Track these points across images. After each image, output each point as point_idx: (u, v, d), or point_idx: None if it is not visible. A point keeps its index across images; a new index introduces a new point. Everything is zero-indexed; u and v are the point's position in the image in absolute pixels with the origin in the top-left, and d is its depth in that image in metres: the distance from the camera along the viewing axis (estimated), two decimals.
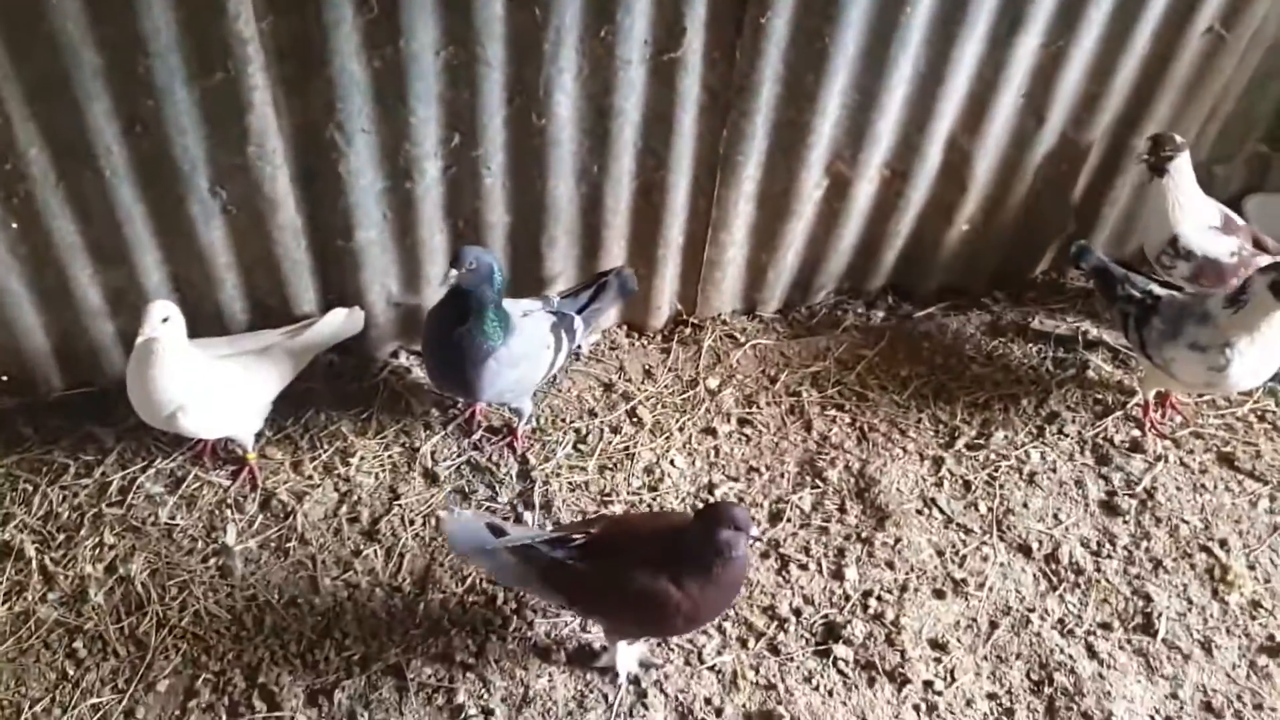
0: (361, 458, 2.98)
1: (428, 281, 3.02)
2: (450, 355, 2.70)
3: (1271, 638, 2.75)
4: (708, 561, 2.29)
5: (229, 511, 2.85)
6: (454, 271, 2.55)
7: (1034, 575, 2.86)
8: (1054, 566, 2.87)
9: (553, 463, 3.00)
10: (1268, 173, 3.61)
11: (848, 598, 2.78)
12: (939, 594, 2.80)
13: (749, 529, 2.28)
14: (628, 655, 2.59)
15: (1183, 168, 3.11)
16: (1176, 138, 3.10)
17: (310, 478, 2.94)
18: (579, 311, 2.94)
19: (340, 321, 2.97)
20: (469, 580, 2.73)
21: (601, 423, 3.12)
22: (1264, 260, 3.14)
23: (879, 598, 2.78)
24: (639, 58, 2.70)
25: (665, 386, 3.23)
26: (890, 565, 2.85)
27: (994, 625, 2.74)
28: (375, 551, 2.79)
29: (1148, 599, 2.81)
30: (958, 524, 2.95)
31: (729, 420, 3.16)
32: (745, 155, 2.97)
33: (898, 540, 2.90)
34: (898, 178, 3.17)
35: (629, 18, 2.60)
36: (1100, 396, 3.26)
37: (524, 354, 2.76)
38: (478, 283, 2.59)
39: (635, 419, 3.14)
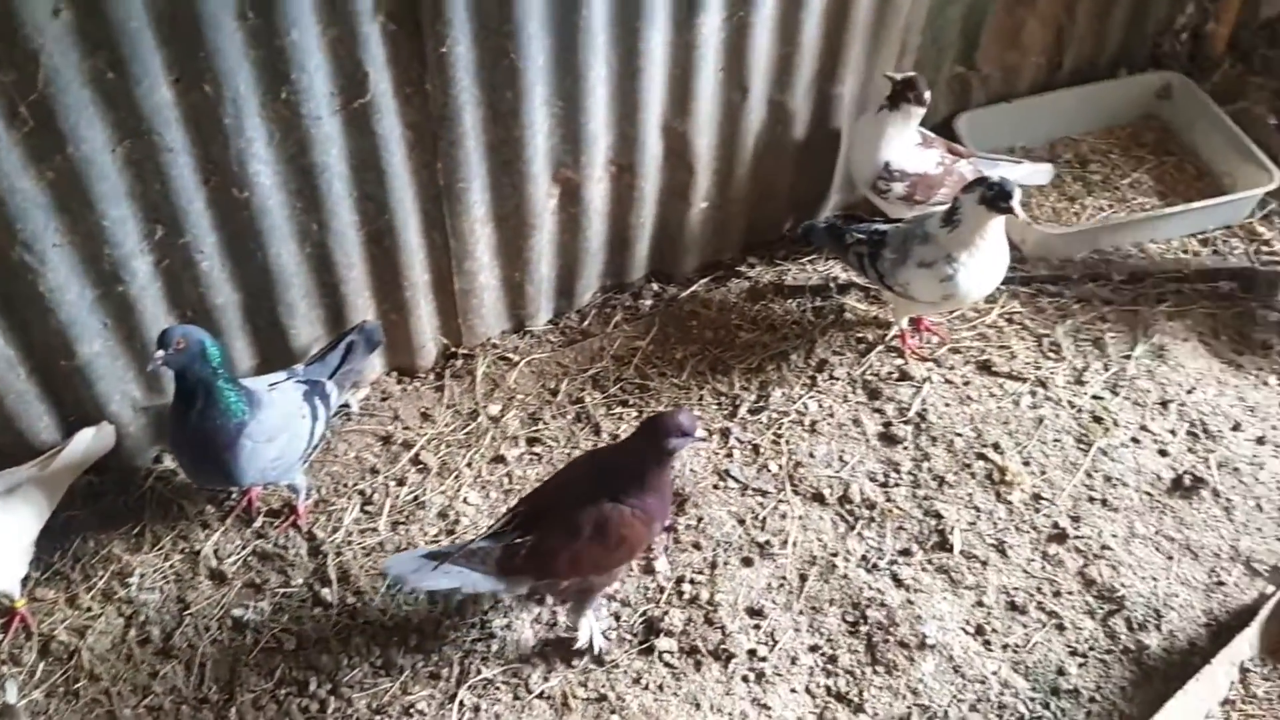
0: (141, 575, 2.85)
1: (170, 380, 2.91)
2: (197, 445, 2.61)
3: (1056, 525, 2.92)
4: (647, 469, 2.45)
5: (5, 668, 2.69)
6: (160, 353, 2.45)
7: (831, 520, 2.95)
8: (848, 507, 2.97)
9: (341, 532, 2.93)
10: (969, 91, 3.80)
11: (662, 590, 2.81)
12: (747, 561, 2.86)
13: (695, 431, 2.43)
14: (593, 627, 2.68)
15: (911, 120, 3.28)
16: (925, 92, 3.23)
17: (89, 609, 2.79)
18: (331, 375, 2.87)
19: (89, 442, 2.83)
20: (277, 674, 2.65)
21: (386, 478, 3.06)
22: (963, 165, 3.37)
23: (691, 581, 2.82)
24: (328, 110, 2.65)
25: (445, 425, 3.20)
26: (697, 546, 2.89)
27: (803, 578, 2.83)
28: (174, 669, 2.67)
29: (939, 517, 2.94)
30: (753, 489, 3.02)
31: (517, 443, 3.16)
32: (467, 181, 2.96)
33: (700, 519, 2.95)
34: (625, 172, 3.21)
35: (305, 75, 2.55)
36: (861, 335, 3.39)
37: (279, 427, 2.68)
38: (189, 361, 2.49)
39: (420, 465, 3.10)
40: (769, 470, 3.06)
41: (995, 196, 2.85)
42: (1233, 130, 3.72)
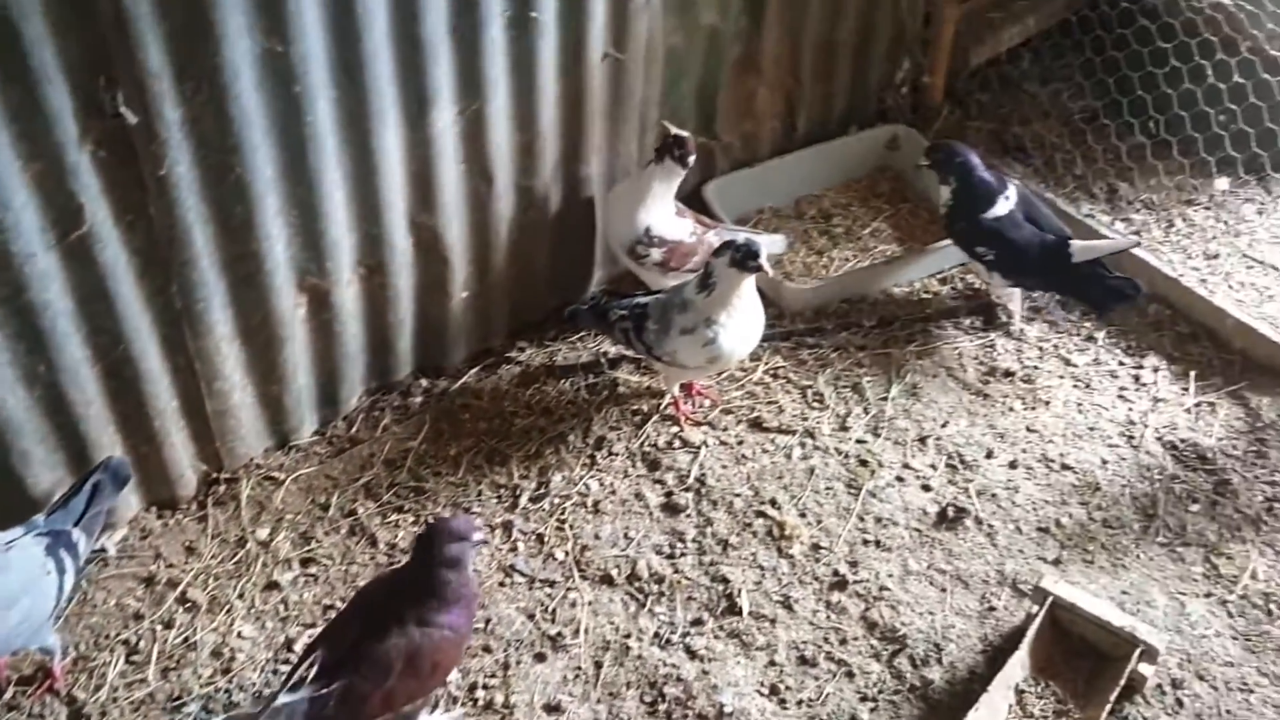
0: None
1: None
2: None
3: (836, 572, 2.99)
4: (442, 584, 2.37)
5: None
6: None
7: (622, 600, 2.94)
8: (637, 584, 2.97)
9: (105, 689, 2.72)
10: (713, 160, 3.93)
11: (455, 699, 2.73)
12: (540, 657, 2.81)
13: (473, 534, 2.39)
14: None
15: (676, 176, 3.37)
16: (692, 151, 3.32)
17: None
18: (77, 522, 2.68)
19: None
20: None
21: (151, 622, 2.87)
22: (711, 235, 3.47)
23: (484, 686, 2.75)
24: (43, 247, 2.50)
25: (212, 557, 3.03)
26: (487, 649, 2.83)
27: (599, 665, 2.80)
28: None
29: (726, 581, 2.97)
30: (541, 580, 2.98)
31: (290, 566, 3.02)
32: (206, 300, 2.84)
33: (488, 621, 2.88)
34: (376, 272, 3.15)
35: (10, 213, 2.41)
36: (636, 407, 3.42)
37: (19, 590, 2.47)
38: None
39: (188, 603, 2.92)
40: (555, 558, 3.03)
41: (744, 257, 2.96)
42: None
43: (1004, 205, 3.45)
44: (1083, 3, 4.19)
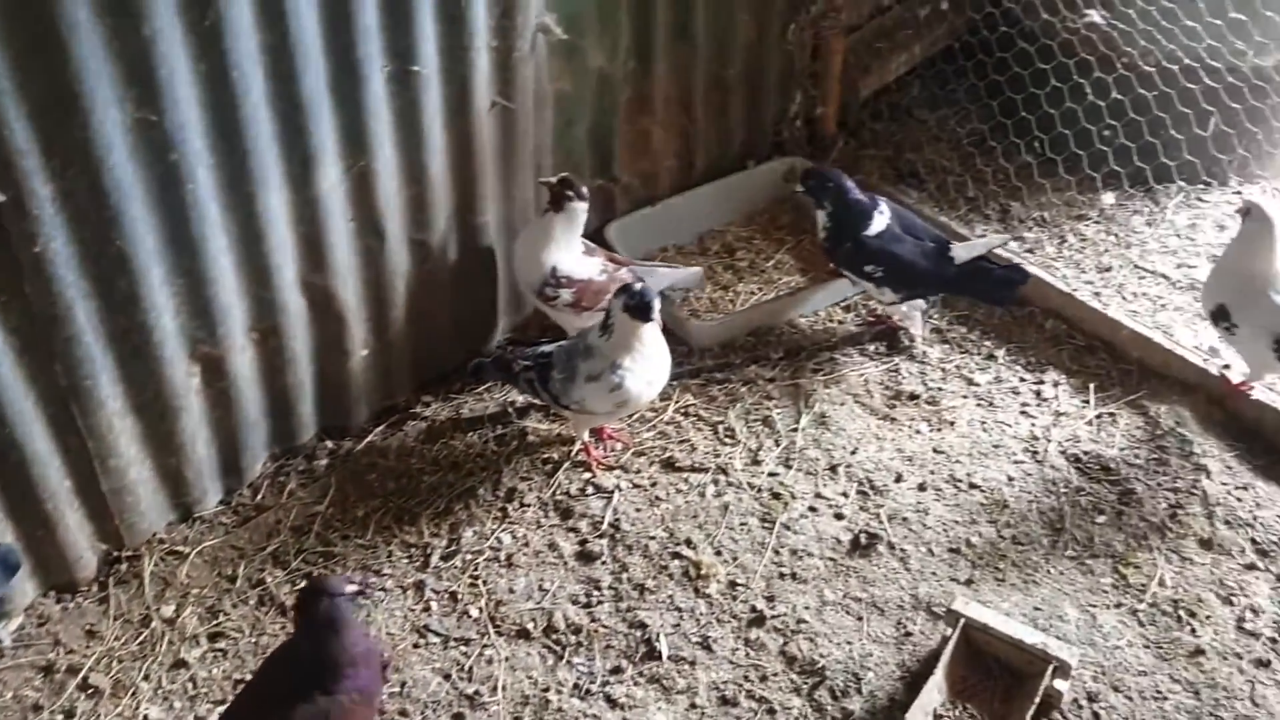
0: None
1: None
2: None
3: (753, 609, 2.98)
4: (335, 647, 2.32)
5: None
6: None
7: (539, 654, 2.90)
8: (554, 636, 2.93)
9: None
10: (613, 201, 3.95)
11: None
12: (458, 717, 2.76)
13: (343, 588, 2.34)
14: None
15: (577, 217, 3.37)
16: (583, 188, 3.35)
17: None
18: None
19: None
20: None
21: (51, 713, 2.77)
22: (624, 273, 3.48)
23: None
24: None
25: (115, 639, 2.94)
26: (403, 714, 2.77)
27: None
28: None
29: (644, 626, 2.95)
30: (455, 639, 2.93)
31: (198, 643, 2.93)
32: (93, 377, 2.76)
33: (403, 684, 2.82)
34: (270, 336, 3.10)
35: None
36: (547, 456, 3.39)
37: None
38: None
39: (91, 690, 2.82)
40: (470, 616, 2.99)
41: (635, 306, 2.95)
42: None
43: (880, 221, 3.54)
44: (964, 29, 4.29)
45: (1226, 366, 3.48)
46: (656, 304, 2.96)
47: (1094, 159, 3.98)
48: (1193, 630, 2.91)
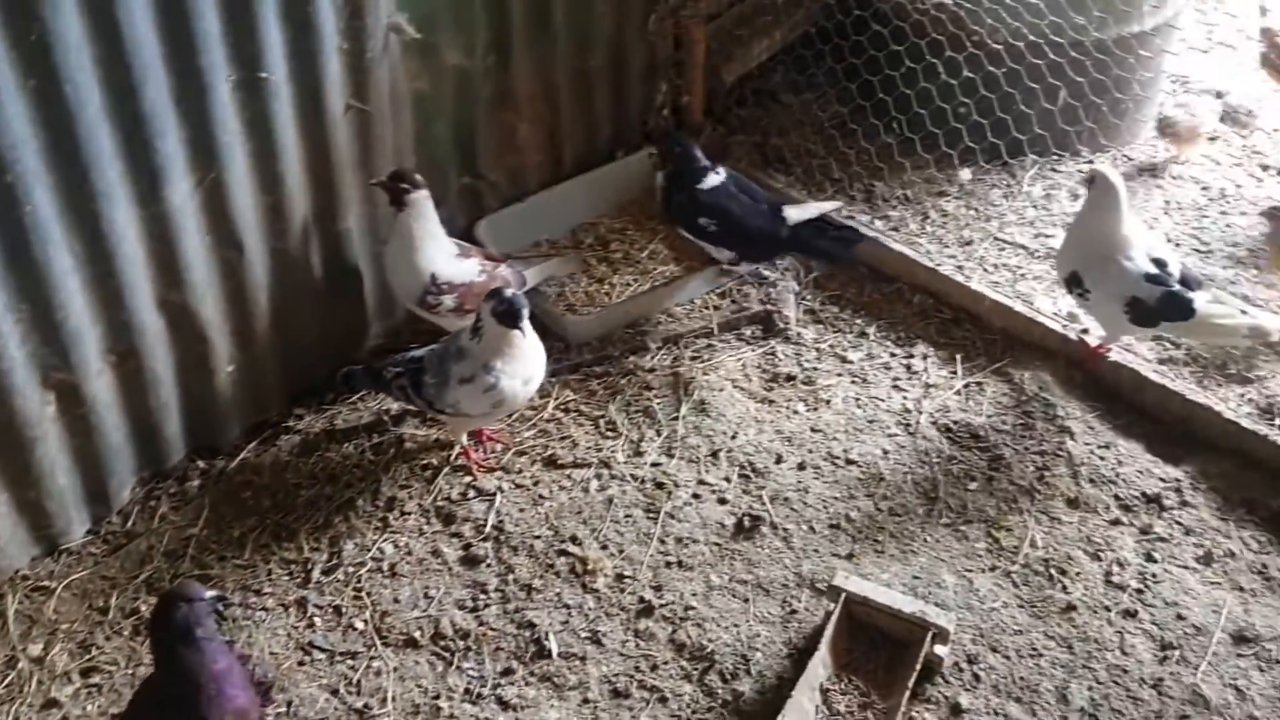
0: None
1: None
2: None
3: (642, 599, 3.00)
4: (196, 662, 2.26)
5: None
6: None
7: (428, 662, 2.88)
8: (443, 643, 2.91)
9: None
10: (481, 198, 3.91)
11: None
12: None
13: (201, 593, 2.29)
14: None
15: (423, 206, 3.29)
16: (415, 175, 3.28)
17: None
18: None
19: None
20: None
21: None
22: (503, 269, 3.47)
23: None
24: None
25: None
26: None
27: None
28: None
29: (532, 626, 2.94)
30: (341, 654, 2.88)
31: (69, 680, 2.83)
32: None
33: (289, 704, 2.77)
34: (129, 358, 3.00)
35: None
36: (426, 462, 3.36)
37: None
38: None
39: None
40: (355, 629, 2.94)
41: (504, 314, 2.95)
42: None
43: (715, 179, 3.70)
44: (821, 14, 4.35)
45: (1085, 331, 3.61)
46: (525, 310, 2.95)
47: (950, 136, 4.08)
48: (1064, 587, 3.02)
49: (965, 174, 4.06)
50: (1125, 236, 3.29)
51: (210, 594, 2.34)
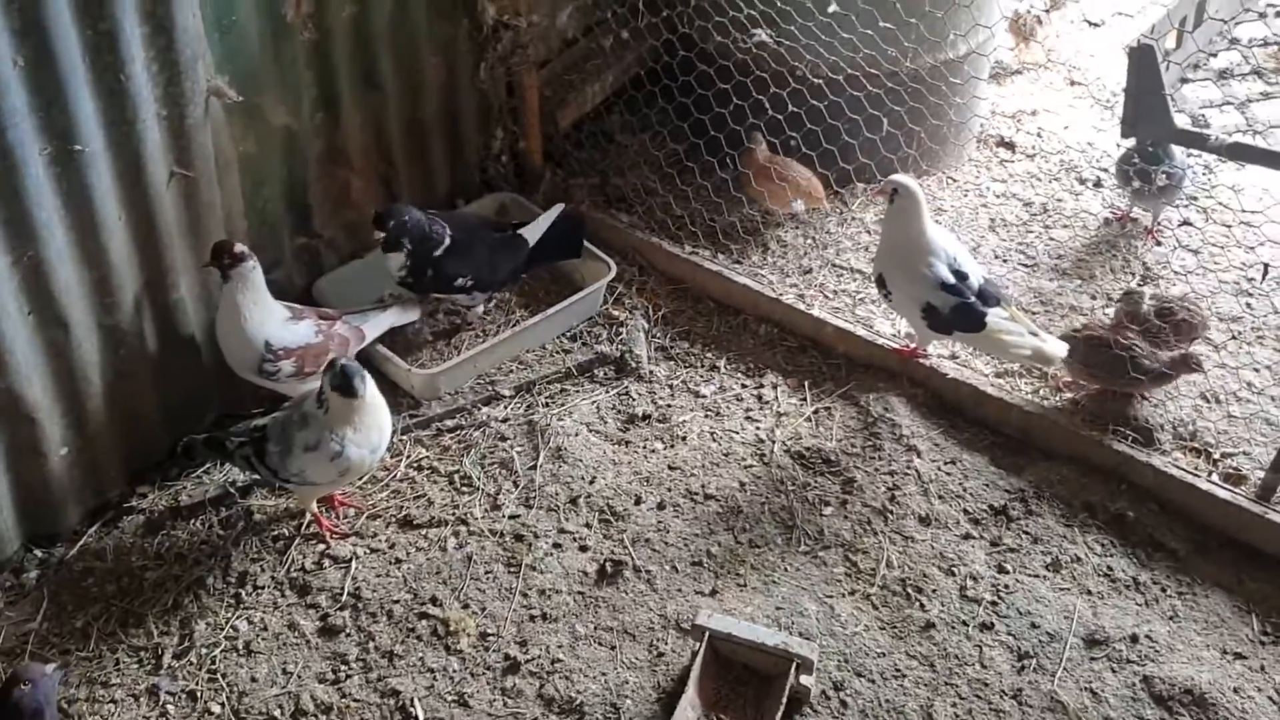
0: None
1: None
2: None
3: (507, 656, 2.96)
4: None
5: None
6: None
7: None
8: None
9: None
10: (319, 257, 3.83)
11: None
12: None
13: (40, 676, 2.26)
14: None
15: (250, 276, 3.20)
16: (238, 246, 3.18)
17: None
18: None
19: None
20: None
21: None
22: (340, 327, 3.42)
23: None
24: None
25: None
26: None
27: None
28: None
29: (396, 694, 2.87)
30: None
31: None
32: None
33: None
34: None
35: None
36: (277, 532, 3.26)
37: None
38: None
39: None
40: (211, 713, 2.83)
41: (341, 385, 2.90)
42: None
43: (447, 235, 3.67)
44: (650, 56, 4.42)
45: (909, 336, 3.74)
46: (361, 380, 2.91)
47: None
48: (921, 606, 3.10)
49: (799, 205, 4.17)
50: (927, 245, 3.44)
51: (51, 667, 2.28)
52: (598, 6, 4.37)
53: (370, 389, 2.97)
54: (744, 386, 3.76)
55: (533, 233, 3.87)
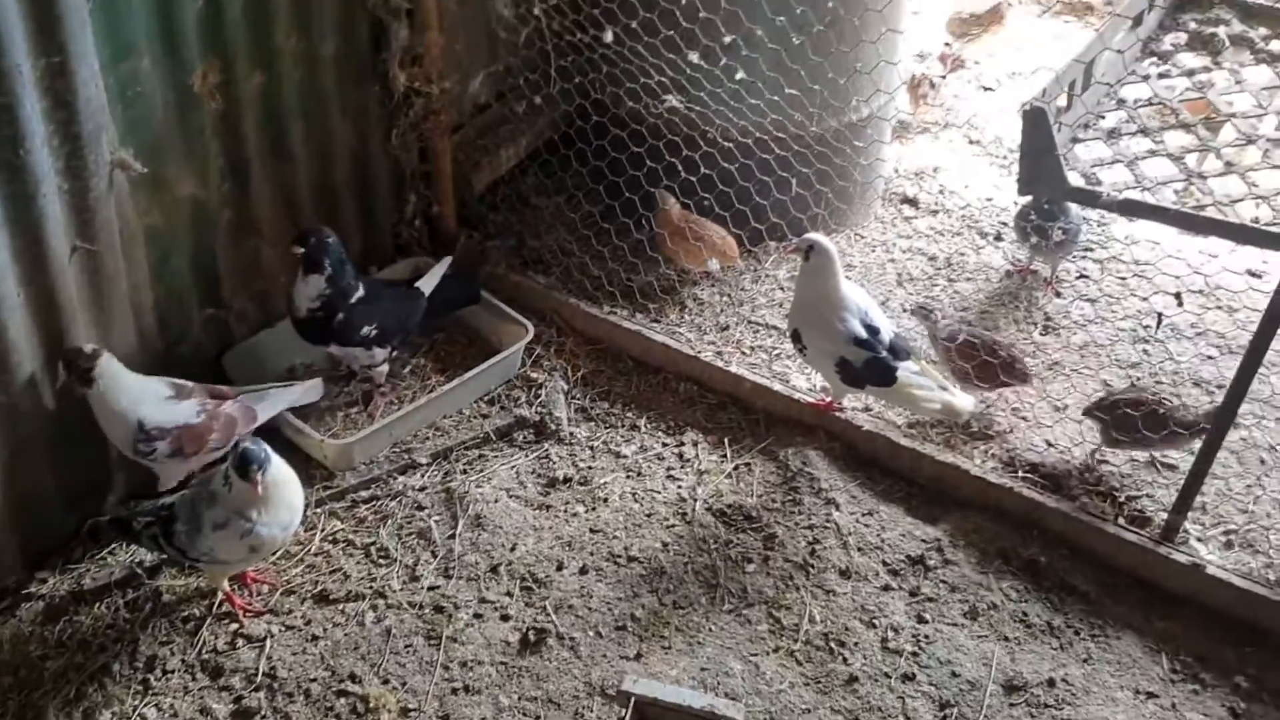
0: None
1: None
2: None
3: None
4: None
5: None
6: None
7: None
8: None
9: None
10: (228, 328, 3.75)
11: None
12: None
13: None
14: None
15: (110, 370, 3.10)
16: (86, 348, 3.07)
17: None
18: None
19: None
20: None
21: None
22: (229, 406, 3.32)
23: None
24: None
25: None
26: None
27: None
28: None
29: None
30: None
31: None
32: None
33: None
34: None
35: None
36: (188, 613, 3.16)
37: None
38: None
39: None
40: None
41: (239, 468, 2.83)
42: (485, 297, 4.07)
43: (361, 286, 3.69)
44: (564, 120, 4.46)
45: (825, 389, 3.79)
46: (262, 461, 2.84)
47: None
48: (844, 659, 3.11)
49: (713, 264, 4.22)
50: (841, 300, 3.50)
51: None
52: (510, 73, 4.40)
53: (274, 470, 2.89)
54: (665, 445, 3.77)
55: (427, 284, 3.88)
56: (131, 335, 3.33)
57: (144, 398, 3.16)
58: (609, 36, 3.97)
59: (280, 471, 2.94)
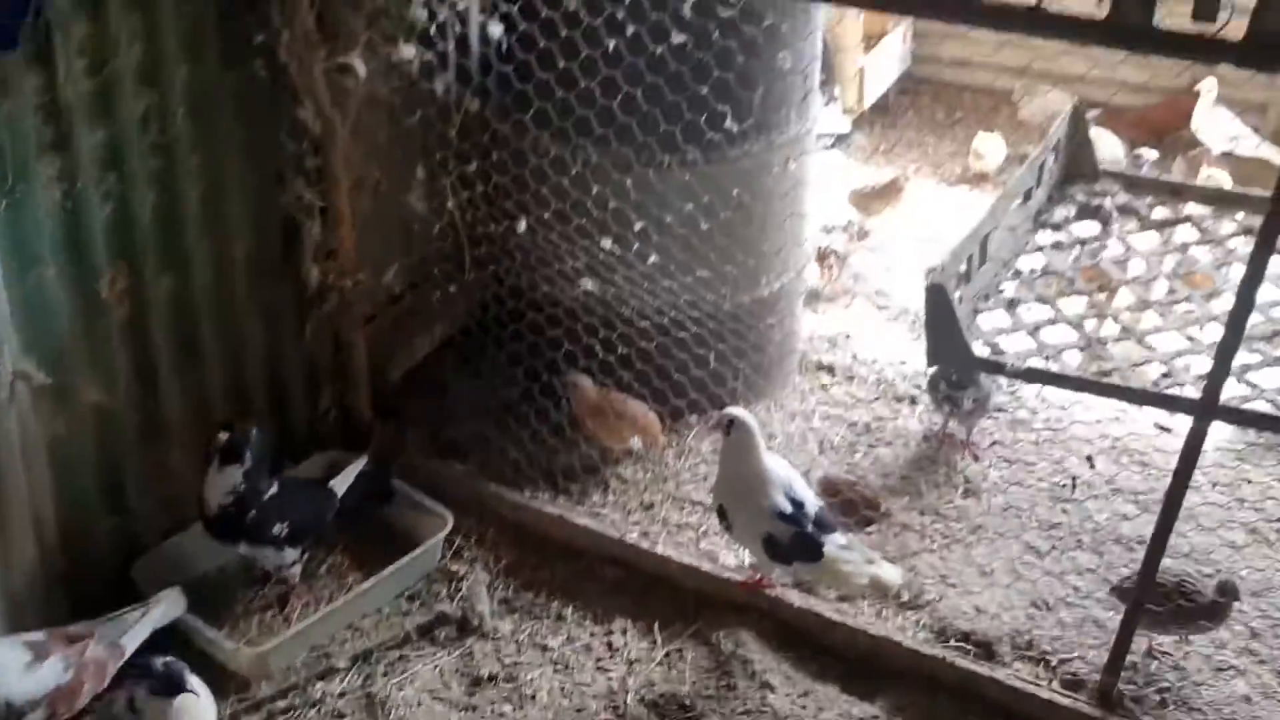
0: None
1: None
2: None
3: None
4: None
5: None
6: None
7: None
8: None
9: None
10: (137, 537, 3.62)
11: None
12: None
13: None
14: None
15: None
16: None
17: None
18: None
19: None
20: None
21: None
22: (94, 648, 3.07)
23: None
24: None
25: None
26: None
27: None
28: None
29: None
30: None
31: None
32: None
33: None
34: None
35: None
36: None
37: None
38: None
39: None
40: None
41: (165, 688, 2.69)
42: (402, 487, 4.00)
43: (276, 483, 3.59)
44: (477, 307, 4.49)
45: (754, 566, 3.75)
46: (190, 680, 2.71)
47: None
48: None
49: (636, 442, 4.21)
50: (764, 475, 3.49)
51: None
52: (424, 262, 4.44)
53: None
54: (593, 635, 3.67)
55: (340, 484, 3.79)
56: (31, 549, 3.19)
57: (4, 675, 2.90)
58: (522, 226, 4.05)
59: (195, 684, 2.79)
